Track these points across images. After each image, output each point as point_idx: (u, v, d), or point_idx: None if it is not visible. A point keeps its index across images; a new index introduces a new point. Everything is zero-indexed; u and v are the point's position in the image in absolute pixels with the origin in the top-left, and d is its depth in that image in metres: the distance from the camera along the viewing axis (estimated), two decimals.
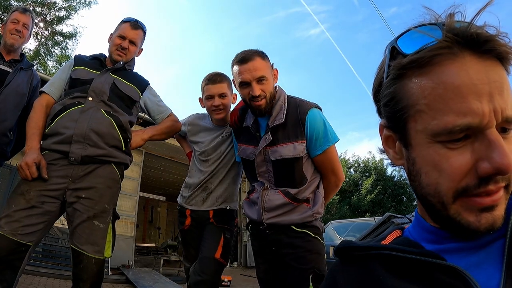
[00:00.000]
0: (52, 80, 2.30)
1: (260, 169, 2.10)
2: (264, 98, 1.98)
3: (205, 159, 2.49)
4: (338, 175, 2.14)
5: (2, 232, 1.81)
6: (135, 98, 2.33)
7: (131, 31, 2.33)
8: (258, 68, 1.96)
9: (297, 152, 1.98)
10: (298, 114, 2.01)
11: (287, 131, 2.01)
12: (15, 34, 2.54)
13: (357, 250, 0.66)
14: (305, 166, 2.04)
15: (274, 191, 2.06)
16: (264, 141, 2.03)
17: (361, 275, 0.63)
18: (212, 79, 2.39)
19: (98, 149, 2.06)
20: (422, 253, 0.57)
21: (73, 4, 16.24)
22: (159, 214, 18.93)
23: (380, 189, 22.61)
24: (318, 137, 2.00)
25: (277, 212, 2.03)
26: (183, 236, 2.59)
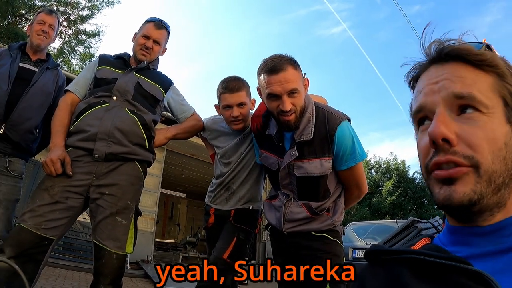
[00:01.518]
0: (77, 79, 2.36)
1: (284, 182, 2.06)
2: (294, 113, 1.82)
3: (227, 162, 2.50)
4: (362, 189, 2.11)
5: (26, 226, 1.86)
6: (159, 97, 2.35)
7: (155, 31, 2.36)
8: (290, 80, 1.77)
9: (323, 169, 1.91)
10: (326, 129, 1.88)
11: (314, 146, 1.90)
12: (41, 34, 2.61)
13: (386, 254, 0.66)
14: (329, 179, 1.98)
15: (296, 204, 2.05)
16: (289, 157, 1.93)
17: (388, 279, 0.64)
18: (230, 87, 2.25)
19: (122, 146, 2.10)
20: (448, 257, 0.58)
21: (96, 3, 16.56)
22: (179, 210, 19.10)
23: (401, 191, 22.29)
24: (346, 153, 1.91)
25: (297, 223, 2.05)
26: (207, 234, 2.63)
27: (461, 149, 0.61)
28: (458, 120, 0.63)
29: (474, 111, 0.63)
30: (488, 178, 0.60)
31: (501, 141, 0.61)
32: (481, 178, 0.60)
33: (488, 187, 0.60)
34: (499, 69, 0.65)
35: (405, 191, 22.83)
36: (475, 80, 0.64)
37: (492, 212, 0.63)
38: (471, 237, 0.64)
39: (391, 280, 0.63)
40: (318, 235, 2.04)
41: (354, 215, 20.95)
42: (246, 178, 2.47)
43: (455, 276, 0.56)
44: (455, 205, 0.61)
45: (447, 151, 0.62)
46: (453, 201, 0.61)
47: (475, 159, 0.60)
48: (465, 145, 0.61)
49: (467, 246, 0.64)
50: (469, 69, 0.65)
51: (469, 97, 0.62)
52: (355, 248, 7.61)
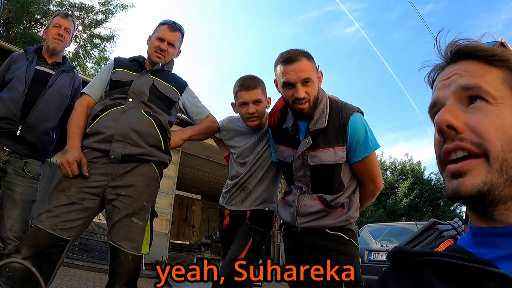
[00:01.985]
0: (92, 82, 2.38)
1: (298, 173, 2.07)
2: (308, 102, 1.90)
3: (243, 162, 2.50)
4: (377, 184, 2.10)
5: (42, 226, 1.88)
6: (174, 99, 2.35)
7: (169, 33, 2.36)
8: (304, 70, 1.87)
9: (337, 158, 1.93)
10: (340, 119, 1.94)
11: (328, 135, 1.95)
12: (57, 38, 2.64)
13: (410, 256, 0.65)
14: (343, 172, 2.00)
15: (310, 197, 2.04)
16: (303, 145, 1.97)
17: (412, 282, 0.63)
18: (246, 85, 2.31)
19: (138, 148, 2.10)
20: (473, 260, 0.57)
21: (110, 8, 16.76)
22: (194, 212, 19.19)
23: (417, 192, 22.05)
24: (359, 143, 1.94)
25: (311, 217, 2.03)
26: (222, 235, 2.62)
27: (468, 136, 0.62)
28: (467, 111, 0.64)
29: (482, 101, 0.64)
30: (499, 167, 0.60)
31: (511, 130, 0.61)
32: (491, 167, 0.60)
33: (499, 177, 0.59)
34: (511, 63, 0.65)
35: (421, 192, 22.59)
36: (484, 74, 0.65)
37: (507, 205, 0.61)
38: (495, 239, 0.63)
39: (415, 282, 0.62)
40: (333, 234, 2.01)
41: (369, 217, 20.78)
42: (262, 178, 2.46)
43: (481, 279, 0.54)
44: (463, 197, 0.61)
45: (454, 138, 0.63)
46: (460, 193, 0.61)
47: (483, 145, 0.60)
48: (473, 132, 0.62)
49: (492, 248, 0.62)
50: (479, 64, 0.66)
51: (475, 87, 0.64)
52: (371, 250, 7.50)
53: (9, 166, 2.43)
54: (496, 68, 0.66)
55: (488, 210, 0.62)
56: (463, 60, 0.69)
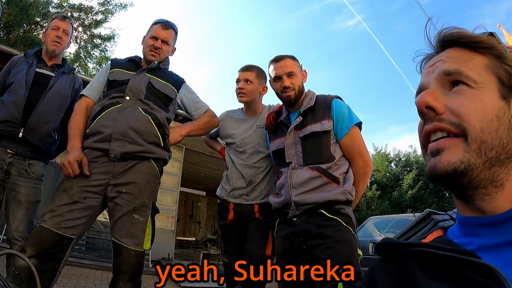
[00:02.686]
0: (91, 84, 2.42)
1: (289, 151, 2.21)
2: (293, 90, 2.25)
3: (242, 150, 2.58)
4: (365, 159, 2.21)
5: (46, 225, 1.92)
6: (171, 96, 2.39)
7: (163, 31, 2.41)
8: (288, 66, 2.27)
9: (324, 127, 2.16)
10: (325, 102, 2.26)
11: (316, 113, 2.22)
12: (56, 40, 2.68)
13: (396, 247, 0.66)
14: (333, 147, 2.16)
15: (302, 169, 2.12)
16: (295, 122, 2.22)
17: (398, 273, 0.63)
18: (243, 67, 2.69)
19: (137, 145, 2.14)
20: (455, 250, 0.58)
21: (109, 7, 16.76)
22: (199, 208, 19.26)
23: (422, 184, 21.89)
24: (344, 118, 2.19)
25: (305, 187, 2.04)
26: (224, 230, 2.65)
27: (448, 117, 0.64)
28: (449, 95, 0.66)
29: (463, 85, 0.65)
30: (477, 147, 0.61)
31: (491, 113, 0.62)
32: (469, 146, 0.61)
33: (478, 157, 0.61)
34: (496, 50, 0.67)
35: (426, 184, 22.43)
36: (467, 60, 0.67)
37: (487, 191, 0.62)
38: (479, 228, 0.64)
39: (401, 273, 0.63)
40: (330, 218, 1.99)
41: (374, 210, 20.75)
42: (269, 171, 2.56)
43: (463, 269, 0.55)
44: (440, 175, 0.63)
45: (434, 119, 0.66)
46: (437, 171, 0.63)
47: (462, 126, 0.62)
48: (452, 114, 0.64)
49: (477, 237, 0.63)
50: (464, 51, 0.69)
51: (456, 72, 0.66)
52: (375, 242, 7.47)
53: (12, 168, 2.47)
54: (481, 55, 0.67)
55: (468, 193, 0.64)
56: (450, 48, 0.71)
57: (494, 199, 0.62)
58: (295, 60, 2.34)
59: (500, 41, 0.69)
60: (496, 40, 0.68)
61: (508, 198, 0.61)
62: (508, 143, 0.61)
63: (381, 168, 23.34)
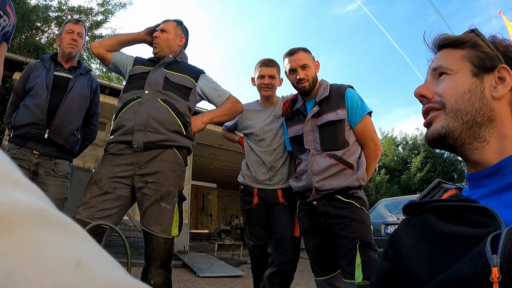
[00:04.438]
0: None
1: (308, 138, 2.38)
2: (308, 81, 2.41)
3: (261, 138, 2.71)
4: (376, 143, 2.41)
5: (80, 217, 2.02)
6: (189, 86, 2.44)
7: (161, 25, 2.56)
8: (301, 58, 2.43)
9: (339, 116, 2.33)
10: (339, 91, 2.42)
11: (331, 103, 2.39)
12: (72, 43, 2.79)
13: (418, 206, 0.86)
14: (347, 133, 2.35)
15: (320, 156, 2.30)
16: (312, 112, 2.40)
17: (419, 224, 0.82)
18: (265, 62, 2.80)
19: (159, 134, 2.21)
20: (461, 200, 0.77)
21: (109, 7, 16.77)
22: (210, 201, 19.37)
23: (430, 166, 21.88)
24: (357, 106, 2.38)
25: (325, 174, 2.25)
26: (248, 215, 2.77)
27: (435, 98, 0.89)
28: (437, 84, 0.90)
29: (444, 75, 0.89)
30: (454, 114, 0.83)
31: (463, 88, 0.84)
32: (447, 115, 0.84)
33: (455, 121, 0.83)
34: (470, 42, 0.88)
35: (434, 166, 22.46)
36: (448, 55, 0.91)
37: (474, 146, 0.83)
38: (480, 180, 0.82)
39: (421, 224, 0.81)
40: (346, 202, 2.22)
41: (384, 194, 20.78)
42: (288, 157, 2.70)
43: (467, 213, 0.73)
44: (430, 140, 0.87)
45: (426, 103, 0.91)
46: (428, 137, 0.88)
47: (443, 101, 0.86)
48: (438, 95, 0.88)
49: (479, 188, 0.81)
50: (448, 50, 0.92)
51: (439, 67, 0.90)
52: (387, 224, 7.60)
53: (40, 168, 2.58)
54: (460, 49, 0.89)
55: (459, 150, 0.85)
56: (440, 50, 0.94)
57: (483, 152, 0.81)
58: (308, 52, 2.48)
59: (478, 33, 0.89)
60: (473, 34, 0.89)
61: (495, 150, 0.80)
62: (482, 108, 0.81)
63: (388, 152, 23.33)
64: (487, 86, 0.83)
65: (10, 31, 2.37)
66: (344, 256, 2.14)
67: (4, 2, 2.27)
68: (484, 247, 0.60)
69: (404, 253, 0.81)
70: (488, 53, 0.85)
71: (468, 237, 0.68)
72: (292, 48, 2.49)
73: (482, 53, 0.86)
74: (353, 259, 2.08)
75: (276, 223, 2.61)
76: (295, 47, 2.51)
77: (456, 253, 0.67)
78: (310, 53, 2.50)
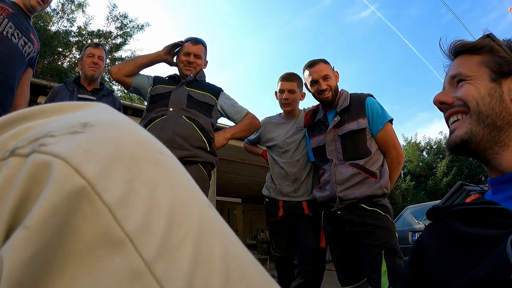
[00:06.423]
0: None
1: (330, 148, 2.39)
2: (330, 91, 2.44)
3: (284, 150, 2.74)
4: (399, 150, 2.40)
5: None
6: (211, 103, 2.52)
7: (193, 47, 2.57)
8: (322, 69, 2.46)
9: (360, 125, 2.36)
10: (359, 100, 2.45)
11: (351, 112, 2.42)
12: (93, 66, 2.88)
13: (441, 210, 0.87)
14: (369, 142, 2.36)
15: (343, 166, 2.31)
16: (333, 122, 2.43)
17: (441, 229, 0.84)
18: (285, 77, 2.84)
19: (184, 150, 2.25)
20: (482, 202, 0.79)
21: (127, 30, 17.20)
22: (235, 216, 19.35)
23: (456, 170, 21.41)
24: (378, 115, 2.39)
25: (348, 183, 2.25)
26: (273, 226, 2.80)
27: (456, 103, 0.90)
28: (456, 91, 0.91)
29: (463, 82, 0.90)
30: (476, 117, 0.84)
31: (483, 92, 0.85)
32: (471, 118, 0.85)
33: (477, 125, 0.84)
34: (487, 47, 0.89)
35: (460, 170, 21.98)
36: (465, 62, 0.92)
37: (495, 150, 0.84)
38: (502, 185, 0.83)
39: (444, 229, 0.83)
40: (370, 210, 2.22)
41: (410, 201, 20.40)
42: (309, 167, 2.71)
43: (489, 215, 0.74)
44: (453, 146, 0.88)
45: (447, 109, 0.92)
46: (451, 143, 0.89)
47: (466, 104, 0.87)
48: (458, 100, 0.89)
49: (501, 193, 0.83)
50: (465, 56, 0.93)
51: (457, 74, 0.91)
52: (414, 231, 7.43)
53: None
54: (476, 54, 0.90)
55: (481, 155, 0.86)
56: (458, 56, 0.95)
57: (504, 157, 0.83)
58: (327, 63, 2.53)
59: (494, 38, 0.91)
60: (489, 39, 0.91)
61: None
62: (501, 111, 0.83)
63: (413, 158, 22.96)
64: (506, 90, 0.84)
65: (34, 57, 2.47)
66: (369, 264, 2.15)
67: (28, 29, 2.37)
68: (505, 247, 0.61)
69: (428, 257, 0.83)
70: (505, 58, 0.86)
71: (490, 238, 0.69)
72: (312, 60, 2.53)
73: (499, 58, 0.87)
74: (378, 266, 2.07)
75: (301, 234, 2.63)
76: (315, 59, 2.55)
77: (477, 254, 0.69)
78: (330, 64, 2.53)
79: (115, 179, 0.27)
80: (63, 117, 0.33)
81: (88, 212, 0.26)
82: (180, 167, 0.35)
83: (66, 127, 0.30)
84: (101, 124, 0.31)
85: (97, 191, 0.26)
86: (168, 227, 0.27)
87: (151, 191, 0.28)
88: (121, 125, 0.32)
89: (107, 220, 0.26)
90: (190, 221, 0.29)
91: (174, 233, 0.27)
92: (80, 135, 0.29)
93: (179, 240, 0.27)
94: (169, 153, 0.35)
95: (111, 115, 0.34)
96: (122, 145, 0.29)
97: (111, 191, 0.26)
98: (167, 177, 0.30)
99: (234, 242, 0.32)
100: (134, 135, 0.32)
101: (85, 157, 0.27)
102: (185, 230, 0.28)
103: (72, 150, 0.27)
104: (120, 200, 0.26)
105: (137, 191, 0.28)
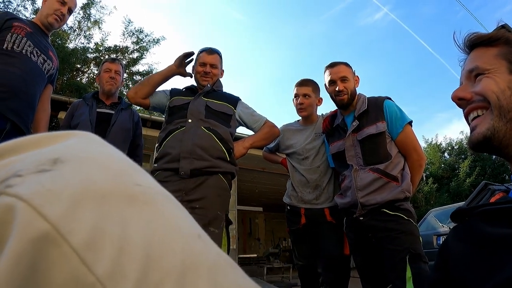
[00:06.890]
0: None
1: (349, 153, 2.36)
2: (346, 94, 2.41)
3: (304, 157, 2.72)
4: (419, 152, 2.35)
5: None
6: (229, 113, 2.52)
7: (209, 57, 2.58)
8: (341, 71, 2.45)
9: (379, 129, 2.31)
10: (376, 104, 2.40)
11: (370, 116, 2.37)
12: (110, 81, 2.94)
13: (465, 212, 0.85)
14: (389, 145, 2.32)
15: (363, 171, 2.27)
16: (352, 127, 2.39)
17: (465, 230, 0.82)
18: (300, 82, 2.85)
19: (204, 161, 2.26)
20: (506, 201, 0.76)
21: (143, 45, 17.47)
22: (257, 225, 19.28)
23: (479, 170, 20.94)
24: (397, 117, 2.34)
25: (369, 189, 2.22)
26: (295, 235, 2.78)
27: (476, 98, 0.86)
28: (474, 85, 0.88)
29: (481, 75, 0.87)
30: (498, 112, 0.81)
31: (503, 86, 0.82)
32: (493, 113, 0.82)
33: (500, 120, 0.81)
34: (503, 38, 0.87)
35: (483, 169, 21.50)
36: (482, 55, 0.89)
37: None
38: None
39: (469, 230, 0.81)
40: (392, 215, 2.17)
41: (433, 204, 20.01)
42: (329, 174, 2.69)
43: None
44: (475, 143, 0.85)
45: (466, 106, 0.89)
46: (473, 141, 0.85)
47: (486, 99, 0.84)
48: (478, 95, 0.86)
49: None
50: (481, 49, 0.91)
51: (474, 68, 0.88)
52: (439, 234, 7.25)
53: None
54: (493, 47, 0.88)
55: (504, 152, 0.83)
56: (474, 49, 0.92)
57: None
58: (349, 66, 2.52)
59: (509, 28, 0.89)
60: (504, 30, 0.89)
61: None
62: None
63: (434, 160, 22.57)
64: None
65: (54, 74, 2.53)
66: (393, 270, 2.09)
67: (47, 48, 2.44)
68: None
69: (453, 260, 0.80)
70: None
71: None
72: (334, 61, 2.52)
73: None
74: (402, 273, 2.00)
75: (324, 242, 2.60)
76: (337, 60, 2.54)
77: (503, 255, 0.67)
78: (351, 68, 2.52)
79: (81, 220, 0.25)
80: (36, 153, 0.31)
81: (56, 257, 0.24)
82: (162, 198, 0.32)
83: (34, 165, 0.28)
84: (72, 159, 0.29)
85: (63, 234, 0.24)
86: (143, 269, 0.25)
87: (122, 230, 0.26)
88: (96, 158, 0.31)
89: (76, 264, 0.24)
90: (170, 260, 0.27)
91: (151, 276, 0.25)
92: (46, 174, 0.27)
93: (157, 282, 0.25)
94: (150, 183, 0.32)
95: (88, 147, 0.33)
96: (93, 181, 0.28)
97: (77, 233, 0.25)
98: (143, 213, 0.28)
99: (227, 274, 0.30)
100: (109, 168, 0.30)
101: (48, 198, 0.26)
102: (164, 271, 0.26)
103: (35, 191, 0.26)
104: (87, 242, 0.25)
105: (106, 231, 0.26)
